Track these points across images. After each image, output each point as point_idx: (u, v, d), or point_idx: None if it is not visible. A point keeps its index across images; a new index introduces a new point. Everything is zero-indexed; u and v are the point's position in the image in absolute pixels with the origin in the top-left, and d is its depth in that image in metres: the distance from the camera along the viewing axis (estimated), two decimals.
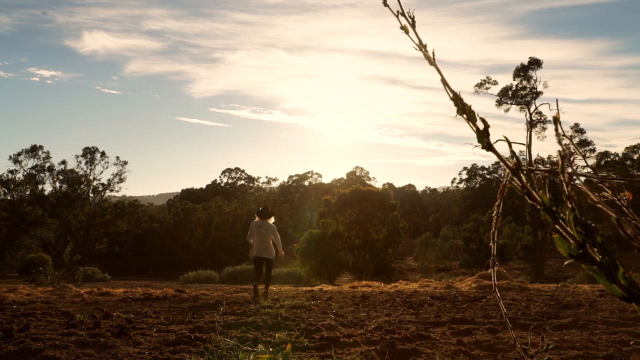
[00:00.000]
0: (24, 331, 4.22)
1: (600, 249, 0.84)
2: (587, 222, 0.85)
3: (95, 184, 56.79)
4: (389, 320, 5.11)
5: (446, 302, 7.62)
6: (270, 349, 2.79)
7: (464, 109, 0.95)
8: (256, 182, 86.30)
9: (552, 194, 0.96)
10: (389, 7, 0.95)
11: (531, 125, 43.07)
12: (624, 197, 0.95)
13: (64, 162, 55.88)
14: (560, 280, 27.21)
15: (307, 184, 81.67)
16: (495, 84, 44.72)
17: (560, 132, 0.85)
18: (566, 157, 0.88)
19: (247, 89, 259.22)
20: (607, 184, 0.97)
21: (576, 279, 26.50)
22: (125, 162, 57.74)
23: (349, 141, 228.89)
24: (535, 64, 43.43)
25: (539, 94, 43.27)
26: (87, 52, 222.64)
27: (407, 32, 0.96)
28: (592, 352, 3.20)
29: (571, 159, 0.88)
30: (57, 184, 55.60)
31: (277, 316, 5.23)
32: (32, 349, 3.27)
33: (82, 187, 55.80)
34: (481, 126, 0.94)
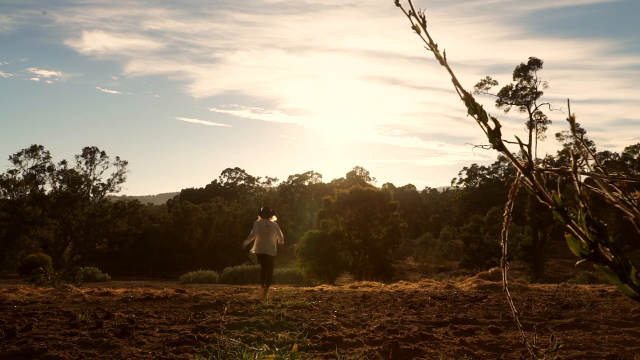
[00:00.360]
0: (26, 331, 4.22)
1: (612, 249, 0.84)
2: (599, 221, 0.85)
3: (95, 184, 56.81)
4: (391, 320, 5.11)
5: (447, 302, 7.62)
6: (276, 349, 2.79)
7: (475, 109, 0.95)
8: (256, 182, 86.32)
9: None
10: (400, 6, 0.95)
11: (531, 125, 43.10)
12: (635, 197, 0.95)
13: (64, 162, 55.90)
14: (560, 280, 27.22)
15: (307, 184, 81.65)
16: (495, 84, 44.76)
17: (574, 131, 0.85)
18: (578, 157, 0.88)
19: (247, 89, 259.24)
20: (618, 184, 0.97)
21: (576, 279, 26.51)
22: (125, 162, 57.76)
23: (349, 141, 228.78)
24: (535, 64, 43.45)
25: (539, 94, 43.29)
26: (87, 52, 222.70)
27: (419, 32, 0.96)
28: (595, 352, 3.20)
29: (584, 159, 0.88)
30: (57, 184, 55.61)
31: (279, 316, 5.23)
32: (35, 349, 3.27)
33: (82, 187, 55.79)
34: (492, 126, 0.94)
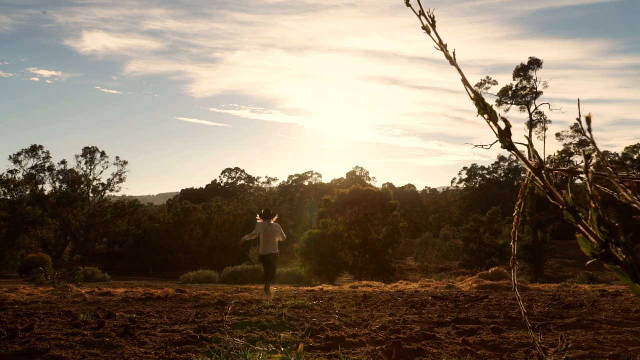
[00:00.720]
0: (28, 331, 4.22)
1: (624, 249, 0.84)
2: (610, 221, 0.85)
3: (95, 184, 56.83)
4: (392, 320, 5.11)
5: (448, 302, 7.62)
6: (282, 349, 2.79)
7: (485, 109, 0.95)
8: (256, 182, 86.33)
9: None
10: (411, 7, 0.95)
11: (531, 125, 43.10)
12: None
13: (64, 162, 55.94)
14: (560, 280, 27.24)
15: (307, 184, 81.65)
16: (495, 84, 44.79)
17: (590, 131, 0.85)
18: (590, 158, 0.88)
19: (247, 89, 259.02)
20: (627, 184, 0.97)
21: (576, 279, 26.53)
22: (125, 162, 57.80)
23: (349, 141, 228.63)
24: (535, 64, 43.47)
25: (539, 94, 43.31)
26: (87, 52, 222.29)
27: (429, 32, 0.96)
28: (598, 352, 3.20)
29: (594, 159, 0.88)
30: (57, 184, 55.64)
31: (281, 316, 5.23)
32: (38, 349, 3.27)
33: (82, 187, 55.80)
34: (502, 126, 0.94)
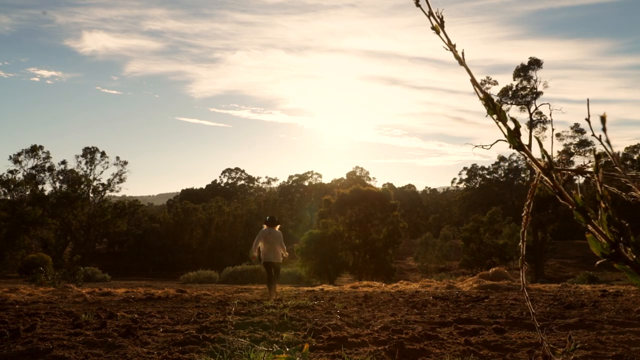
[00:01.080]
0: (30, 331, 4.22)
1: (634, 249, 0.84)
2: (621, 221, 0.85)
3: (95, 184, 56.80)
4: (394, 320, 5.11)
5: (449, 302, 7.62)
6: (287, 349, 2.79)
7: (494, 109, 0.95)
8: (256, 182, 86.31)
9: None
10: (420, 7, 0.95)
11: (531, 125, 43.10)
12: None
13: (64, 162, 55.91)
14: (560, 280, 27.25)
15: (307, 184, 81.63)
16: (495, 84, 44.80)
17: (604, 131, 0.85)
18: (600, 157, 0.88)
19: (247, 89, 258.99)
20: (637, 184, 0.97)
21: (576, 279, 26.54)
22: (125, 162, 57.76)
23: (349, 141, 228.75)
24: (535, 64, 43.48)
25: (539, 94, 43.33)
26: (87, 52, 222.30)
27: (438, 32, 0.96)
28: (600, 352, 3.20)
29: (615, 160, 0.88)
30: (57, 184, 55.61)
31: (282, 316, 5.23)
32: (40, 349, 3.26)
33: (82, 187, 55.77)
34: (512, 126, 0.94)
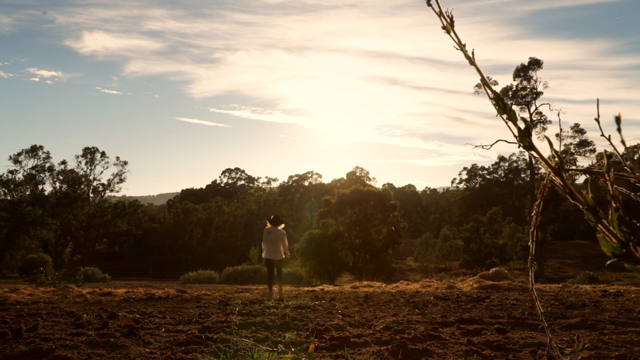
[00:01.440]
0: (32, 331, 4.22)
1: None
2: (632, 221, 0.85)
3: (95, 184, 56.81)
4: (396, 320, 5.11)
5: (450, 302, 7.62)
6: (292, 349, 2.79)
7: (505, 109, 0.95)
8: (256, 182, 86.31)
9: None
10: (432, 7, 0.96)
11: (532, 125, 43.15)
12: None
13: (64, 162, 55.92)
14: (560, 280, 27.27)
15: (307, 184, 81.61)
16: (495, 84, 44.82)
17: (619, 131, 0.85)
18: (611, 157, 0.88)
19: (247, 89, 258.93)
20: None
21: (576, 279, 26.53)
22: (125, 162, 57.78)
23: (349, 141, 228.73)
24: (535, 64, 43.53)
25: (539, 94, 43.37)
26: (87, 53, 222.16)
27: (449, 32, 0.96)
28: (603, 352, 3.20)
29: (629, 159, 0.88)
30: (57, 184, 55.62)
31: (284, 316, 5.23)
32: (43, 349, 3.26)
33: (82, 187, 55.77)
34: (522, 126, 0.94)
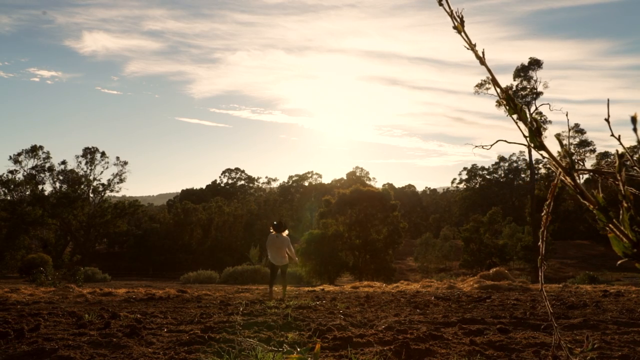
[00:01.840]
0: (34, 331, 4.22)
1: None
2: None
3: (95, 184, 56.75)
4: (398, 320, 5.11)
5: (451, 303, 7.62)
6: (297, 349, 2.79)
7: (515, 108, 0.95)
8: (256, 183, 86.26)
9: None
10: (443, 6, 0.96)
11: (542, 125, 43.11)
12: None
13: (64, 163, 55.87)
14: (560, 280, 27.26)
15: (307, 184, 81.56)
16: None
17: (635, 131, 0.85)
18: (623, 157, 0.88)
19: (247, 89, 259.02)
20: None
21: (577, 279, 26.52)
22: (125, 162, 57.71)
23: (349, 141, 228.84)
24: (535, 64, 43.51)
25: (539, 94, 43.36)
26: (87, 53, 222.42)
27: (460, 32, 0.96)
28: (606, 352, 3.20)
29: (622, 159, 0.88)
30: (57, 184, 55.58)
31: (286, 316, 5.23)
32: (46, 349, 3.26)
33: (82, 187, 55.73)
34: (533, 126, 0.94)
